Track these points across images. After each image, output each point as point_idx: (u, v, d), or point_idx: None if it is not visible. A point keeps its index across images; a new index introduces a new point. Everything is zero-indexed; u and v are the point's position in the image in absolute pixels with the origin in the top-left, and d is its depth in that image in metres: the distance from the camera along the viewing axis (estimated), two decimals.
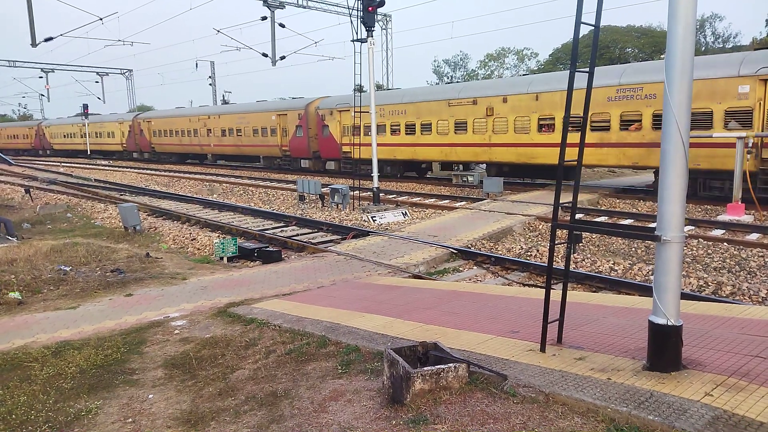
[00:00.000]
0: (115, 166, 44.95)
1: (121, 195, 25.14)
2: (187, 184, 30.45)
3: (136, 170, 40.17)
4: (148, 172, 38.28)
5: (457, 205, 18.68)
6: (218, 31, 37.20)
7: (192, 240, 14.99)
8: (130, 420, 4.90)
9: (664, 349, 4.37)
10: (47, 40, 33.56)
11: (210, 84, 60.40)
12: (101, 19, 34.26)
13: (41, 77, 59.97)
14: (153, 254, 12.42)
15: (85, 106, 53.88)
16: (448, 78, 68.55)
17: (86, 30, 37.38)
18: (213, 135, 39.59)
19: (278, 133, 33.63)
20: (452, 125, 23.51)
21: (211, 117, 39.64)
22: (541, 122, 20.43)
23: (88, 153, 55.19)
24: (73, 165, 46.54)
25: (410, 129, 25.50)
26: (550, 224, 9.87)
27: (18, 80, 69.18)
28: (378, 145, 26.10)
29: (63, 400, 5.34)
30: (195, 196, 24.47)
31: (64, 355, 6.43)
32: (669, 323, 4.31)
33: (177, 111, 45.96)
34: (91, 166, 45.08)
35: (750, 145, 14.68)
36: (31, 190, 26.03)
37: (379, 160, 26.26)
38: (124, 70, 65.09)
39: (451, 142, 23.67)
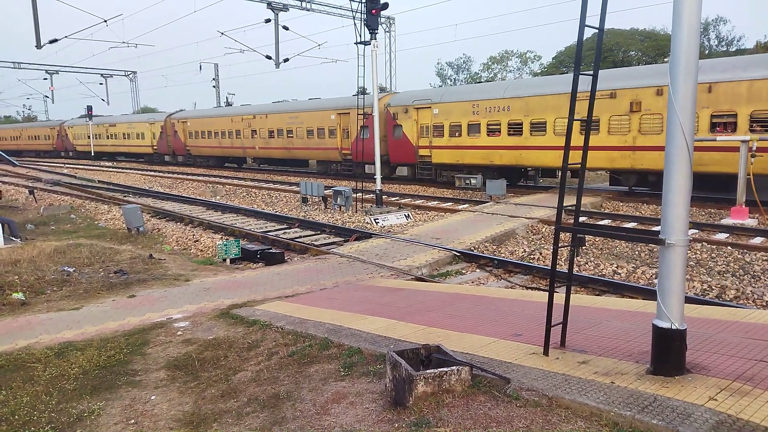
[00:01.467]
0: (119, 168, 45.09)
1: (125, 196, 25.20)
2: (190, 185, 30.51)
3: (139, 172, 40.28)
4: (152, 173, 38.38)
5: (460, 207, 18.66)
6: (222, 34, 37.26)
7: (195, 241, 15.01)
8: (133, 421, 4.90)
9: (668, 353, 4.35)
10: (52, 41, 33.70)
11: (214, 86, 60.64)
12: (105, 21, 34.41)
13: (46, 79, 60.08)
14: (156, 256, 12.43)
15: (89, 108, 54.04)
16: (450, 81, 68.51)
17: (91, 32, 37.43)
18: (258, 136, 35.98)
19: (338, 135, 29.59)
20: (577, 124, 20.20)
21: (257, 117, 36.06)
22: (715, 120, 16.80)
23: (92, 154, 55.21)
24: (76, 166, 46.69)
25: (515, 129, 21.63)
26: (553, 227, 9.86)
27: (22, 81, 69.81)
28: (469, 147, 23.22)
29: (66, 401, 5.35)
30: (198, 197, 24.52)
31: (67, 356, 6.44)
32: (673, 327, 4.29)
33: (216, 110, 42.41)
34: (94, 168, 45.23)
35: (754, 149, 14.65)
36: (35, 191, 26.10)
37: (470, 166, 23.91)
38: (128, 72, 65.30)
39: (575, 144, 20.61)
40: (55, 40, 33.80)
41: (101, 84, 63.27)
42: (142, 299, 8.91)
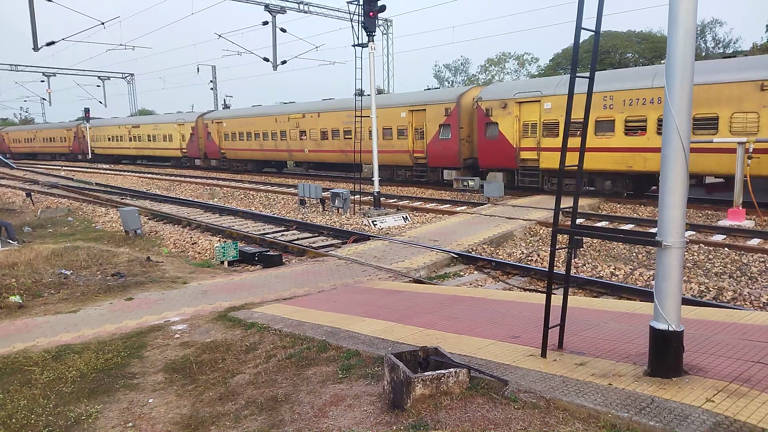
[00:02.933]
0: (117, 170, 45.01)
1: (122, 199, 25.16)
2: (188, 188, 30.48)
3: (137, 174, 40.24)
4: (149, 176, 38.34)
5: (458, 209, 18.67)
6: (220, 36, 37.30)
7: (193, 244, 15.00)
8: (131, 424, 4.90)
9: (666, 354, 4.36)
10: (49, 44, 33.66)
11: (211, 88, 60.65)
12: (103, 24, 34.37)
13: (43, 81, 60.01)
14: (154, 258, 12.42)
15: (87, 110, 54.03)
16: (448, 83, 68.52)
17: (88, 34, 37.60)
18: (308, 138, 31.84)
19: (409, 135, 25.36)
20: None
21: (307, 116, 31.87)
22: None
23: (89, 156, 55.07)
24: (74, 169, 46.61)
25: None
26: (550, 229, 9.87)
27: (20, 84, 69.52)
28: (597, 149, 18.79)
29: (63, 404, 5.34)
30: (196, 200, 24.50)
31: (65, 359, 6.42)
32: (670, 329, 4.30)
33: (258, 109, 37.95)
34: (92, 170, 45.16)
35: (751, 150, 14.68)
36: (33, 193, 26.07)
37: (595, 172, 19.33)
38: (126, 74, 65.26)
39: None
40: (52, 43, 33.75)
41: (98, 86, 63.28)
42: (139, 302, 8.89)
